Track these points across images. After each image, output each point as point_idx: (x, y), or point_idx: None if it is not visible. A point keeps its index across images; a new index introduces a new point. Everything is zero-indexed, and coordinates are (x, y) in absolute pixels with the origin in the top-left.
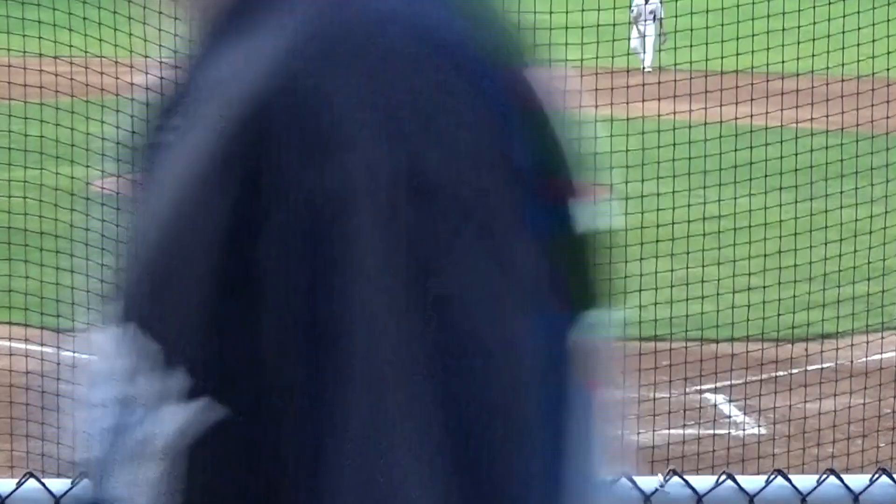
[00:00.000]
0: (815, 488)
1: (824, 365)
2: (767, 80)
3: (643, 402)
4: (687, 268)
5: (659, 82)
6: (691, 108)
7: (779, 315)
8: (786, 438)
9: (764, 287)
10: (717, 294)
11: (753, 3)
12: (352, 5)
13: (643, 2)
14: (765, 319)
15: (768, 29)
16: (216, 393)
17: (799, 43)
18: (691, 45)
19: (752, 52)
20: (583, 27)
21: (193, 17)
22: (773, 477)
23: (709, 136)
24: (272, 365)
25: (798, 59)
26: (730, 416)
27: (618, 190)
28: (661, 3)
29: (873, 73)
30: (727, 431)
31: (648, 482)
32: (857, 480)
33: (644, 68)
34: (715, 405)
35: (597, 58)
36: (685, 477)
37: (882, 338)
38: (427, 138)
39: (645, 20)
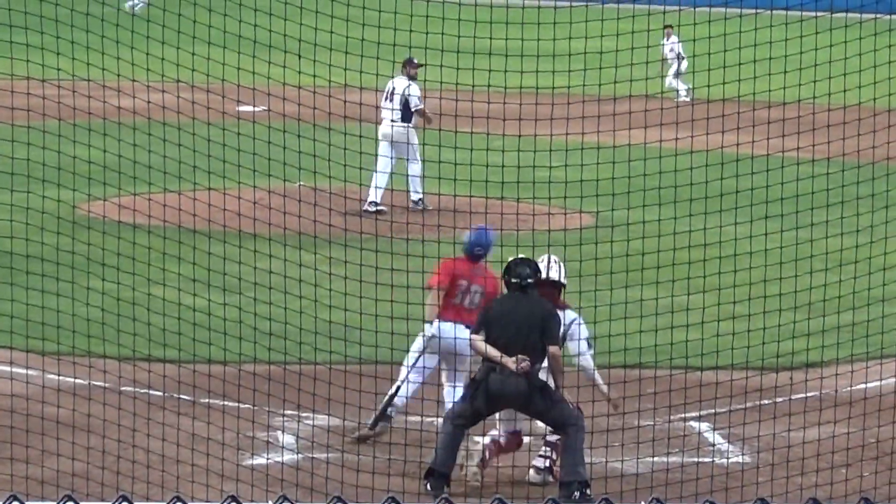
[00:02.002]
0: None
1: (809, 394)
2: (754, 109)
3: (627, 429)
4: (672, 296)
5: (646, 110)
6: (678, 136)
7: (764, 343)
8: (770, 467)
9: (749, 315)
10: (703, 322)
11: (741, 33)
12: None
13: (666, 41)
14: (750, 348)
15: (755, 58)
16: None
17: (786, 72)
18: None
19: (739, 80)
20: (570, 55)
21: None
22: None
23: (695, 164)
24: None
25: (785, 88)
26: (714, 445)
27: (604, 217)
28: (679, 41)
29: (860, 103)
30: (711, 459)
31: None
32: None
33: (681, 98)
34: (699, 433)
35: (584, 85)
36: None
37: (867, 367)
38: None
39: (672, 60)
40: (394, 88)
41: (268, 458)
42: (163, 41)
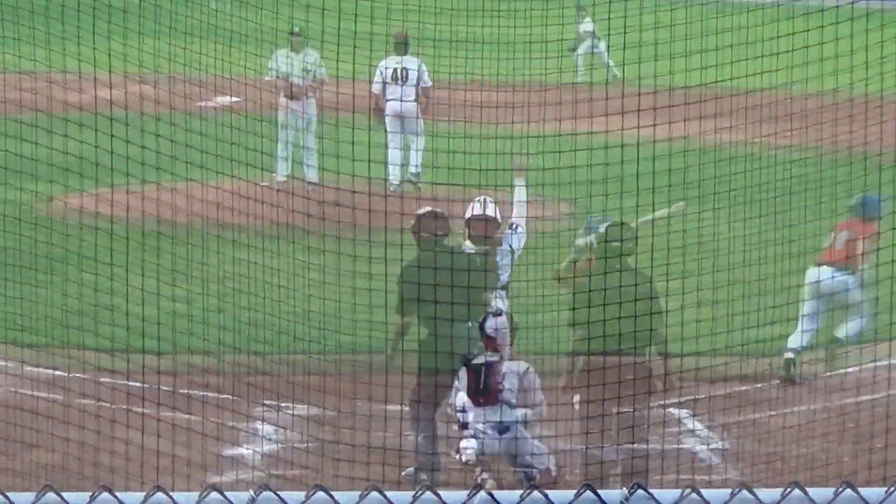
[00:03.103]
0: (779, 502)
1: None
2: (732, 96)
3: (607, 416)
4: (651, 282)
5: (623, 97)
6: (655, 124)
7: (743, 329)
8: (750, 452)
9: (728, 301)
10: (682, 308)
11: (717, 18)
12: None
13: (581, 22)
14: (729, 334)
15: (733, 43)
16: None
17: (763, 58)
18: (655, 60)
19: (717, 66)
20: (545, 42)
21: None
22: (738, 491)
23: (673, 151)
24: None
25: (762, 74)
26: (694, 430)
27: (581, 205)
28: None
29: (836, 90)
30: (692, 445)
31: (613, 496)
32: (821, 494)
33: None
34: (679, 419)
35: (560, 72)
36: (650, 491)
37: (846, 352)
38: None
39: (588, 40)
40: (406, 69)
41: (248, 448)
42: (140, 31)
